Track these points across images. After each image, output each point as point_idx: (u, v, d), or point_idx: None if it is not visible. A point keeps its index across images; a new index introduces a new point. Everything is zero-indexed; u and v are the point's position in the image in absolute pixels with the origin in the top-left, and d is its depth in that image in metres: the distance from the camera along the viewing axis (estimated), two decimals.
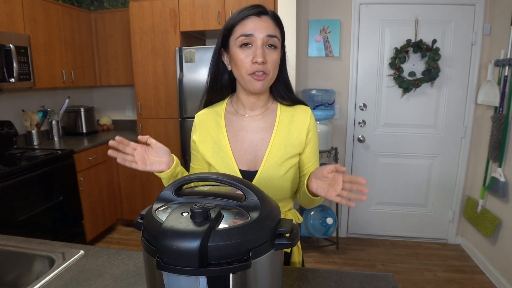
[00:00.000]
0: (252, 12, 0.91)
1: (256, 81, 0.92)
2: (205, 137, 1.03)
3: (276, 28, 0.94)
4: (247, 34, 0.90)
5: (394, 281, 0.87)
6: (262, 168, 0.97)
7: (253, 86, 0.93)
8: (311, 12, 2.85)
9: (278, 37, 0.93)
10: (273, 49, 0.93)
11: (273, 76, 0.95)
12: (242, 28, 0.91)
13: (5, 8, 2.39)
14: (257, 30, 0.90)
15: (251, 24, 0.90)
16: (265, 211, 0.58)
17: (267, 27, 0.91)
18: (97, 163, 2.99)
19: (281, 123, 1.01)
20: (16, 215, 2.17)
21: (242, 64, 0.92)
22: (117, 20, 3.28)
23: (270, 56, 0.92)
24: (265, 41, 0.91)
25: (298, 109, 1.04)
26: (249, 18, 0.91)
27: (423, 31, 2.72)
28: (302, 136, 1.01)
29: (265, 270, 0.57)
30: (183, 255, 0.49)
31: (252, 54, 0.91)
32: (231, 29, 0.93)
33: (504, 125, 2.34)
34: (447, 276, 2.51)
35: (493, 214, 2.47)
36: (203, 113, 1.05)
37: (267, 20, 0.92)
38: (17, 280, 1.03)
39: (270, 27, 0.91)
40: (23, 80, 2.47)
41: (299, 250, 1.09)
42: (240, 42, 0.91)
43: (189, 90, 2.84)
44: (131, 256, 1.02)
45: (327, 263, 2.72)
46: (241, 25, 0.91)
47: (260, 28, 0.90)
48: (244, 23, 0.91)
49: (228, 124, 1.02)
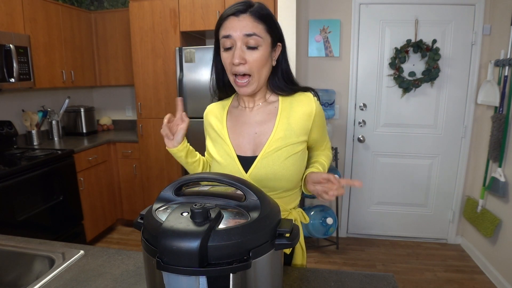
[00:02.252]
0: (230, 12, 0.90)
1: (240, 88, 0.95)
2: (208, 126, 1.10)
3: (258, 23, 0.90)
4: (225, 35, 0.91)
5: (394, 281, 0.87)
6: (261, 154, 0.97)
7: (239, 91, 0.96)
8: (311, 12, 2.85)
9: (258, 34, 0.90)
10: (253, 49, 0.91)
11: (260, 76, 0.94)
12: (222, 30, 0.92)
13: (5, 8, 2.39)
14: (234, 30, 0.89)
15: (229, 25, 0.90)
16: (265, 211, 0.58)
17: (244, 26, 0.89)
18: (97, 163, 2.99)
19: (282, 112, 1.00)
20: (16, 215, 2.17)
21: (226, 67, 0.94)
22: (117, 20, 3.28)
23: (251, 56, 0.90)
24: (244, 41, 0.90)
25: (299, 96, 1.02)
26: (228, 18, 0.91)
27: (423, 31, 2.72)
28: (306, 122, 0.99)
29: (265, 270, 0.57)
30: (183, 255, 0.49)
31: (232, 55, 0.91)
32: (217, 31, 0.95)
33: (504, 125, 2.34)
34: (447, 276, 2.51)
35: (493, 214, 2.47)
36: (212, 105, 1.12)
37: (245, 18, 0.89)
38: (17, 280, 1.03)
39: (248, 25, 0.89)
40: (23, 80, 2.47)
41: (304, 253, 1.07)
42: (222, 45, 0.93)
43: (189, 90, 2.84)
44: (131, 256, 1.02)
45: (327, 263, 2.72)
46: (222, 27, 0.93)
47: (237, 28, 0.89)
48: (224, 25, 0.92)
49: (230, 116, 1.06)
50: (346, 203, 3.13)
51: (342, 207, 3.13)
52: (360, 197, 3.10)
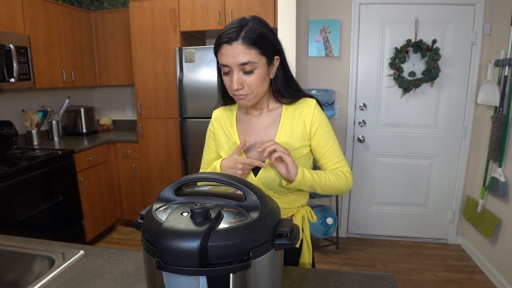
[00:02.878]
0: (224, 40, 0.93)
1: (240, 100, 1.00)
2: (220, 131, 1.13)
3: (250, 50, 0.92)
4: (224, 64, 0.95)
5: (394, 281, 0.87)
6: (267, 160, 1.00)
7: (240, 104, 1.04)
8: (311, 12, 2.85)
9: (252, 60, 0.92)
10: (249, 74, 0.95)
11: (258, 92, 0.99)
12: (220, 58, 0.96)
13: (5, 8, 2.39)
14: (230, 60, 0.93)
15: (225, 54, 0.94)
16: (265, 211, 0.58)
17: (238, 54, 0.92)
18: (97, 163, 2.99)
19: (285, 119, 1.06)
20: (16, 215, 2.17)
21: (227, 87, 1.00)
22: (117, 20, 3.28)
23: (246, 81, 0.95)
24: (240, 68, 0.94)
25: (302, 103, 1.07)
26: (222, 46, 0.94)
27: (423, 31, 2.72)
28: (307, 127, 1.05)
29: (265, 270, 0.57)
30: (183, 255, 0.49)
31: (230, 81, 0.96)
32: (216, 54, 0.98)
33: (504, 125, 2.34)
34: (447, 276, 2.51)
35: (493, 214, 2.47)
36: (219, 110, 1.17)
37: (237, 46, 0.91)
38: (17, 280, 1.03)
39: (241, 53, 0.91)
40: (23, 80, 2.47)
41: (310, 250, 1.13)
42: (222, 69, 0.97)
43: (189, 90, 2.84)
44: (131, 256, 1.02)
45: (327, 263, 2.72)
46: (219, 54, 0.96)
47: (232, 57, 0.92)
48: (220, 52, 0.95)
49: (239, 122, 1.11)
50: (346, 203, 3.13)
51: (342, 207, 3.13)
52: (360, 197, 3.10)
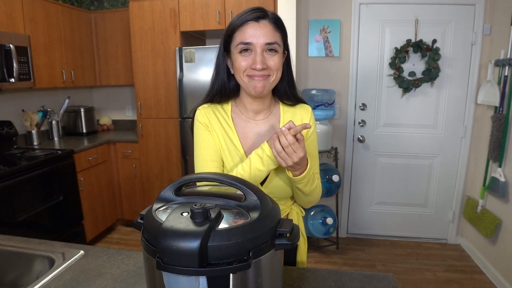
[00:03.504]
0: (251, 17, 0.90)
1: (256, 82, 0.92)
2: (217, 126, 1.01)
3: (276, 32, 0.92)
4: (246, 42, 0.90)
5: (394, 281, 0.87)
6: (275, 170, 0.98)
7: (254, 88, 0.93)
8: (311, 12, 2.85)
9: (278, 42, 0.92)
10: (274, 53, 0.92)
11: (276, 78, 0.95)
12: (241, 35, 0.91)
13: (5, 8, 2.39)
14: (256, 37, 0.89)
15: (250, 31, 0.90)
16: (265, 211, 0.58)
17: (265, 34, 0.90)
18: (97, 163, 2.99)
19: (284, 122, 1.03)
20: (16, 215, 2.17)
21: (241, 68, 0.93)
22: (117, 20, 3.28)
23: (271, 60, 0.92)
24: (264, 48, 0.91)
25: (299, 108, 1.06)
26: (248, 24, 0.90)
27: (423, 31, 2.72)
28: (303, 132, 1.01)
29: (265, 270, 0.57)
30: (183, 255, 0.49)
31: (251, 60, 0.91)
32: (231, 34, 0.93)
33: (504, 125, 2.34)
34: (447, 276, 2.51)
35: (493, 214, 2.47)
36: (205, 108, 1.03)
37: (266, 25, 0.90)
38: (17, 280, 1.03)
39: (268, 33, 0.90)
40: (23, 80, 2.47)
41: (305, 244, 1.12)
42: (240, 49, 0.91)
43: (189, 90, 2.84)
44: (131, 256, 1.02)
45: (327, 263, 2.72)
46: (240, 32, 0.91)
47: (259, 35, 0.89)
48: (243, 30, 0.91)
49: (236, 125, 1.03)
50: (346, 203, 3.13)
51: (342, 207, 3.13)
52: (360, 197, 3.10)
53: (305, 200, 1.03)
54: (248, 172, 0.92)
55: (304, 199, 1.03)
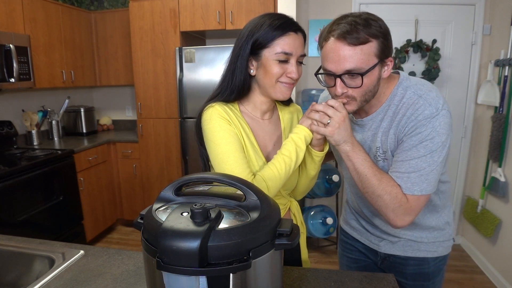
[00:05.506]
0: (293, 29, 0.93)
1: (286, 89, 0.97)
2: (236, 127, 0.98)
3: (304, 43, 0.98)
4: (288, 53, 0.92)
5: (394, 281, 0.87)
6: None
7: (282, 93, 0.97)
8: (311, 12, 2.85)
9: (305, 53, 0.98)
10: (300, 64, 0.98)
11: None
12: (283, 45, 0.92)
13: (5, 8, 2.39)
14: (296, 49, 0.94)
15: (291, 42, 0.93)
16: (265, 211, 0.58)
17: (301, 45, 0.95)
18: (97, 163, 2.99)
19: (283, 120, 1.10)
20: (16, 215, 2.17)
21: (277, 75, 0.94)
22: (117, 20, 3.28)
23: (299, 70, 0.98)
24: (299, 59, 0.96)
25: (292, 108, 1.14)
26: (290, 34, 0.93)
27: (423, 31, 2.72)
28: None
29: (265, 270, 0.57)
30: (183, 255, 0.49)
31: (288, 69, 0.94)
32: (269, 40, 0.93)
33: (504, 125, 2.34)
34: (447, 276, 2.50)
35: (493, 214, 2.47)
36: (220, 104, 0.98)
37: (301, 38, 0.96)
38: (17, 280, 1.03)
39: (303, 44, 0.96)
40: (23, 80, 2.47)
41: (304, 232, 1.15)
42: (278, 57, 0.93)
43: (189, 90, 2.84)
44: (131, 256, 1.02)
45: (327, 263, 2.72)
46: (281, 41, 0.92)
47: (298, 47, 0.94)
48: (285, 39, 0.92)
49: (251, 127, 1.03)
50: None
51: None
52: None
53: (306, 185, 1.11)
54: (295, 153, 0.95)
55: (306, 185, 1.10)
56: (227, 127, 0.95)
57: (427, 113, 0.88)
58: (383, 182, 0.91)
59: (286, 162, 0.93)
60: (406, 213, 0.90)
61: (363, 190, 0.95)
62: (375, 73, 0.88)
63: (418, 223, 1.03)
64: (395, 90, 0.95)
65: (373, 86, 0.90)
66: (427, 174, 0.90)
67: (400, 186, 0.91)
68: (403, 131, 0.91)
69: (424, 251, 1.06)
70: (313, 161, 1.02)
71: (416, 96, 0.91)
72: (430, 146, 0.89)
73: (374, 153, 1.00)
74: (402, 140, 0.92)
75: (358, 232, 1.19)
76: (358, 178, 0.95)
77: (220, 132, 0.94)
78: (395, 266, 1.05)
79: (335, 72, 0.88)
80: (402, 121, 0.92)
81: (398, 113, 0.93)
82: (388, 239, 1.09)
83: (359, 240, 1.19)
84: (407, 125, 0.91)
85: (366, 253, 1.18)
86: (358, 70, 0.85)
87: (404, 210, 0.90)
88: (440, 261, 1.08)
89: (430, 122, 0.88)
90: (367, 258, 1.18)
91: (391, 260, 1.10)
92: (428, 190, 0.90)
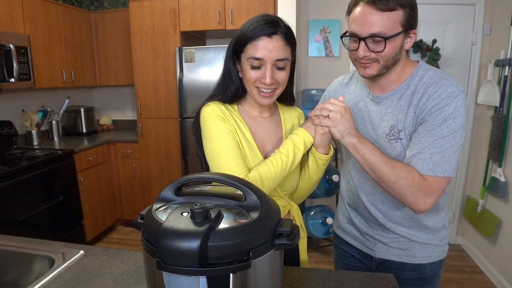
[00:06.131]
0: (264, 33, 0.90)
1: (263, 98, 0.96)
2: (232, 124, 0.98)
3: (287, 46, 0.93)
4: (257, 58, 0.91)
5: (394, 281, 0.87)
6: None
7: (260, 101, 0.97)
8: (311, 12, 2.85)
9: (287, 57, 0.93)
10: (282, 69, 0.94)
11: (282, 89, 0.98)
12: (253, 50, 0.91)
13: (5, 8, 2.39)
14: (267, 53, 0.90)
15: (262, 46, 0.90)
16: (265, 211, 0.58)
17: (276, 49, 0.90)
18: (97, 163, 2.99)
19: (285, 122, 1.09)
20: (16, 215, 2.17)
21: (251, 80, 0.94)
22: (117, 20, 3.28)
23: (279, 75, 0.94)
24: (274, 63, 0.92)
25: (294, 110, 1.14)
26: (260, 39, 0.90)
27: (423, 31, 2.72)
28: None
29: (265, 270, 0.57)
30: (183, 255, 0.49)
31: (261, 73, 0.92)
32: (242, 45, 0.93)
33: (504, 125, 2.34)
34: (447, 276, 2.51)
35: (493, 214, 2.47)
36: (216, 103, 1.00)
37: (278, 41, 0.91)
38: (17, 280, 1.03)
39: (279, 49, 0.91)
40: (23, 80, 2.47)
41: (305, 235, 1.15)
42: (251, 63, 0.92)
43: (189, 90, 2.84)
44: (131, 256, 1.02)
45: (327, 263, 2.72)
46: (252, 46, 0.91)
47: (270, 51, 0.90)
48: (255, 44, 0.91)
49: (249, 125, 1.03)
50: None
51: None
52: None
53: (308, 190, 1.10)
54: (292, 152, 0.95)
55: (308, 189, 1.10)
56: (222, 124, 0.96)
57: (450, 91, 0.89)
58: (396, 169, 0.91)
59: (283, 160, 0.93)
60: (427, 195, 0.89)
61: (377, 180, 0.94)
62: (398, 41, 0.89)
63: (417, 219, 1.03)
64: (415, 72, 0.97)
65: (395, 53, 0.91)
66: (450, 155, 0.89)
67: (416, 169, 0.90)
68: (424, 109, 0.91)
69: (419, 257, 1.05)
70: (316, 165, 1.02)
71: (437, 76, 0.93)
72: (453, 126, 0.88)
73: (387, 132, 0.98)
74: (423, 119, 0.92)
75: (351, 236, 1.18)
76: (371, 169, 0.94)
77: (215, 129, 0.95)
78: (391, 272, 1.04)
79: (360, 35, 0.89)
80: (423, 99, 0.92)
81: (418, 92, 0.94)
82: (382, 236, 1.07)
83: (353, 245, 1.18)
84: (428, 103, 0.91)
85: (361, 259, 1.17)
86: (383, 34, 0.87)
87: (424, 192, 0.89)
88: (436, 265, 1.07)
89: (453, 101, 0.88)
90: (362, 264, 1.17)
91: (387, 266, 1.09)
92: (450, 173, 0.90)
